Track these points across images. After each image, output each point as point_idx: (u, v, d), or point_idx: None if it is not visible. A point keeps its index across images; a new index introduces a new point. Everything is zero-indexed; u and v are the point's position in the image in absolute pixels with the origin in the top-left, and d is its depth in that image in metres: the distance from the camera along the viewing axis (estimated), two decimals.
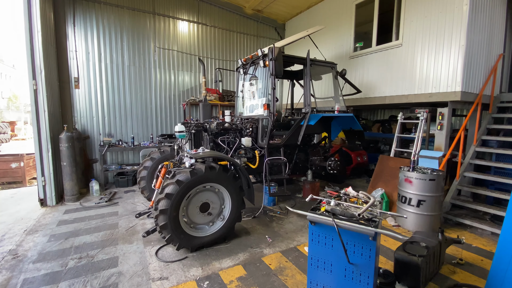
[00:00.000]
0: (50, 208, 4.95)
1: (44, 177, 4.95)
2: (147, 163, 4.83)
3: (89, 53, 6.33)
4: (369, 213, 2.06)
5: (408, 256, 2.70)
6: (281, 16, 8.83)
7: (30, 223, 4.30)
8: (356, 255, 1.96)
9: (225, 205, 3.64)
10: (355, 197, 2.41)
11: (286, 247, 3.56)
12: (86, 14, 6.23)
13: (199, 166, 3.31)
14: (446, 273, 3.02)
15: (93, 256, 3.30)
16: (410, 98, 5.33)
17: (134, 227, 4.13)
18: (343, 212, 2.01)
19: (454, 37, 4.58)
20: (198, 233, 3.45)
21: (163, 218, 3.10)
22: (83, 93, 6.35)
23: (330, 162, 5.07)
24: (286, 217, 4.59)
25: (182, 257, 3.26)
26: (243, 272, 2.98)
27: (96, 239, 3.73)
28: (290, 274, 2.95)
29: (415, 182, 4.00)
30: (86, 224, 4.24)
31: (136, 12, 6.78)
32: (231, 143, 4.64)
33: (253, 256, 3.32)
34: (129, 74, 6.82)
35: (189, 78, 7.66)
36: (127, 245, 3.56)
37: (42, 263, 3.13)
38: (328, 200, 2.30)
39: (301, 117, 4.88)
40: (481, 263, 3.26)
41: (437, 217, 4.02)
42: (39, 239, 3.73)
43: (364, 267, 1.94)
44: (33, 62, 4.68)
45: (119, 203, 5.28)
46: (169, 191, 3.10)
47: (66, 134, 5.15)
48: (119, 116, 6.79)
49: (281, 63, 4.04)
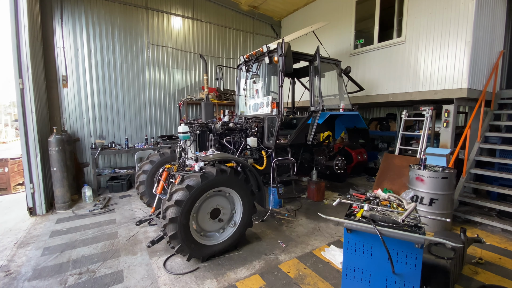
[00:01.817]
0: (40, 217, 4.57)
1: (32, 183, 4.56)
2: (146, 166, 4.53)
3: (78, 50, 5.93)
4: (409, 218, 1.92)
5: (435, 259, 2.59)
6: (277, 13, 8.66)
7: (20, 234, 3.93)
8: (400, 264, 1.82)
9: (236, 210, 3.43)
10: (386, 200, 2.27)
11: (302, 252, 3.39)
12: (75, 9, 5.82)
13: (209, 170, 3.08)
14: (469, 274, 2.94)
15: (94, 270, 3.01)
16: (414, 96, 5.28)
17: (135, 236, 3.85)
18: (384, 218, 1.85)
19: (460, 33, 4.55)
20: (209, 241, 3.23)
21: (172, 227, 2.86)
22: (72, 93, 5.95)
23: (337, 162, 4.95)
24: (295, 219, 4.43)
25: (194, 268, 3.02)
26: (262, 282, 2.78)
27: (95, 251, 3.43)
28: (312, 283, 2.78)
29: (427, 181, 3.93)
30: (82, 234, 3.91)
31: (127, 7, 6.42)
32: (236, 143, 4.42)
33: (269, 264, 3.13)
34: (121, 72, 6.46)
35: (184, 76, 7.36)
36: (131, 257, 3.29)
37: (39, 281, 2.82)
38: (360, 205, 2.15)
39: (308, 115, 4.72)
40: (500, 261, 3.21)
41: (449, 215, 3.97)
42: (32, 253, 3.39)
43: (409, 277, 1.80)
44: (20, 59, 4.29)
45: (115, 209, 4.96)
46: (178, 197, 2.86)
47: (56, 136, 4.77)
48: (111, 116, 6.42)
49: (291, 59, 3.87)
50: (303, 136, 4.72)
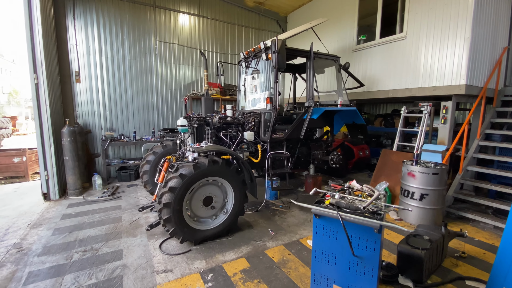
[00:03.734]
0: (53, 202, 4.97)
1: (47, 171, 4.96)
2: (149, 157, 4.83)
3: (89, 47, 6.28)
4: (373, 206, 2.06)
5: (411, 249, 2.71)
6: (283, 8, 8.72)
7: (34, 217, 4.33)
8: (361, 248, 1.97)
9: (228, 199, 3.64)
10: (359, 190, 2.41)
11: (289, 240, 3.58)
12: (86, 7, 6.16)
13: (202, 160, 3.30)
14: (449, 266, 3.03)
15: (98, 249, 3.32)
16: (414, 92, 5.28)
17: (137, 221, 4.15)
18: (348, 205, 2.00)
19: (459, 29, 4.51)
20: (202, 226, 3.47)
21: (166, 211, 3.11)
22: (84, 87, 6.33)
23: (332, 156, 5.06)
24: (289, 211, 4.60)
25: (186, 250, 3.28)
26: (247, 265, 3.00)
27: (100, 233, 3.76)
28: (293, 267, 2.96)
29: (418, 176, 3.99)
30: (90, 218, 4.26)
31: (136, 5, 6.70)
32: (233, 137, 4.62)
33: (256, 249, 3.33)
34: (130, 68, 6.78)
35: (190, 72, 7.61)
36: (131, 238, 3.59)
37: (47, 256, 3.16)
38: (333, 194, 2.30)
39: (303, 111, 4.85)
40: (484, 256, 3.26)
41: (439, 211, 4.02)
42: (43, 233, 3.75)
43: (369, 260, 1.95)
44: (34, 55, 4.64)
45: (122, 197, 5.30)
46: (172, 184, 3.10)
47: (68, 128, 5.14)
48: (120, 110, 6.77)
49: (284, 56, 4.00)
50: (299, 131, 4.85)
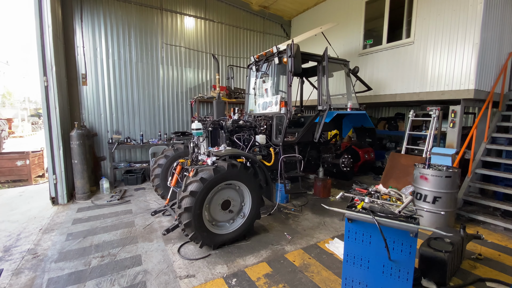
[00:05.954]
0: (62, 207, 4.90)
1: (55, 175, 4.89)
2: (161, 160, 4.79)
3: (96, 49, 6.24)
4: (405, 210, 2.08)
5: (434, 252, 2.74)
6: (287, 12, 8.80)
7: (44, 221, 4.26)
8: (396, 252, 1.99)
9: (245, 203, 3.64)
10: (387, 194, 2.43)
11: (307, 244, 3.58)
12: (94, 10, 6.12)
13: (221, 164, 3.30)
14: (468, 268, 3.07)
15: (115, 254, 3.28)
16: (421, 96, 5.36)
17: (151, 225, 4.11)
18: (382, 209, 2.02)
19: (468, 35, 4.61)
20: (220, 230, 3.45)
21: (187, 215, 3.09)
22: (91, 90, 6.27)
23: (343, 160, 5.09)
24: (301, 214, 4.61)
25: (205, 254, 3.26)
26: (269, 269, 2.99)
27: (115, 238, 3.71)
28: (315, 271, 2.97)
29: (430, 179, 4.04)
30: (102, 223, 4.21)
31: (143, 8, 6.69)
32: (246, 140, 4.63)
33: (275, 253, 3.33)
34: (136, 71, 6.75)
35: (196, 75, 7.61)
36: (148, 243, 3.55)
37: (65, 262, 3.11)
38: (361, 198, 2.32)
39: (314, 114, 4.88)
40: (499, 258, 3.32)
41: (452, 213, 4.07)
42: (56, 238, 3.69)
43: (404, 264, 1.97)
44: (44, 57, 4.60)
45: (131, 201, 5.25)
46: (193, 188, 3.09)
47: (77, 131, 5.09)
48: (126, 113, 6.73)
49: (300, 60, 4.04)
50: (310, 134, 4.88)
